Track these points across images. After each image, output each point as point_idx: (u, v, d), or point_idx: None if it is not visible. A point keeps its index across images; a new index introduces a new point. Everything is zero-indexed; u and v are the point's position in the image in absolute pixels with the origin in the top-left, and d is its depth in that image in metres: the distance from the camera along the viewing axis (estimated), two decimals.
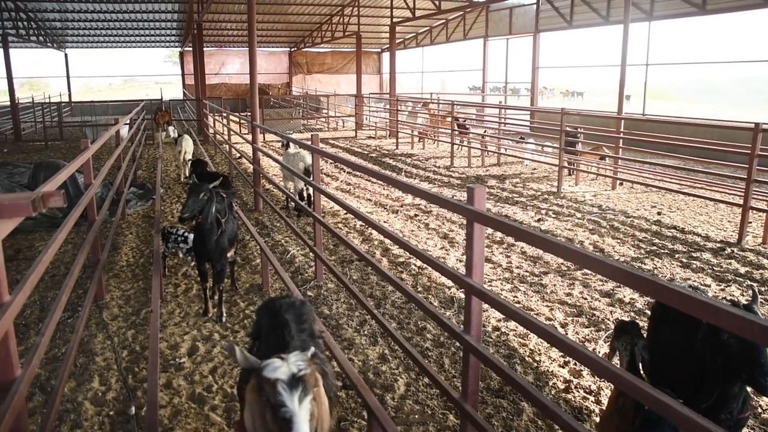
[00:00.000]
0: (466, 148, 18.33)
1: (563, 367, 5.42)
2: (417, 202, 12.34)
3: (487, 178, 15.40)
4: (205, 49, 28.20)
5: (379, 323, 4.94)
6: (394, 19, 27.38)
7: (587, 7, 23.28)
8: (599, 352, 5.59)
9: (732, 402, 3.02)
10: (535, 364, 5.46)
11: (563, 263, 8.18)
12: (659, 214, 11.25)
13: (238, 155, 16.39)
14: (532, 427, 4.48)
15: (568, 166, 14.39)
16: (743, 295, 7.08)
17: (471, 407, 3.62)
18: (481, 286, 3.43)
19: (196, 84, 27.06)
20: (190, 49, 32.41)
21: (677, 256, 8.65)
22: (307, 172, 9.98)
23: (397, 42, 29.66)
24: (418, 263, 8.29)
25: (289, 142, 10.99)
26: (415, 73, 40.85)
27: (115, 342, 5.96)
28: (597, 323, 6.32)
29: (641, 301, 6.85)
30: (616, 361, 3.58)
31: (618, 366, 3.37)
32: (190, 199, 6.05)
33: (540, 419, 4.57)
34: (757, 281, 7.55)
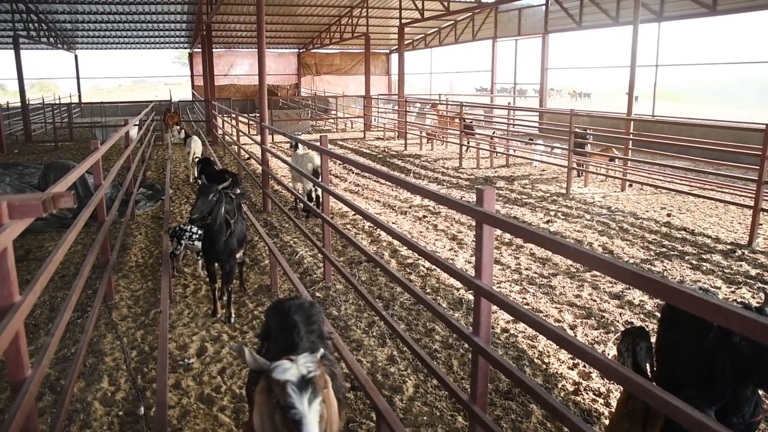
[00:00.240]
0: (475, 149, 18.31)
1: (572, 369, 5.40)
2: (425, 203, 12.33)
3: (495, 179, 15.37)
4: (214, 50, 28.28)
5: (387, 325, 4.93)
6: (403, 20, 27.39)
7: (596, 7, 23.20)
8: (609, 355, 5.56)
9: (744, 406, 2.99)
10: (544, 366, 5.44)
11: (572, 265, 8.15)
12: (669, 215, 11.19)
13: (247, 156, 16.45)
14: (541, 430, 4.46)
15: (577, 167, 14.34)
16: (754, 298, 7.03)
17: (480, 409, 3.61)
18: (491, 288, 3.41)
19: (205, 85, 27.14)
20: (199, 50, 32.50)
21: (687, 258, 8.60)
22: (316, 173, 9.98)
23: (405, 43, 29.67)
24: (427, 265, 8.28)
25: (298, 143, 11.01)
26: (424, 74, 40.82)
27: (124, 342, 5.98)
28: (606, 325, 6.29)
29: (651, 303, 6.81)
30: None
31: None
32: (200, 200, 6.07)
33: (549, 421, 4.55)
34: None
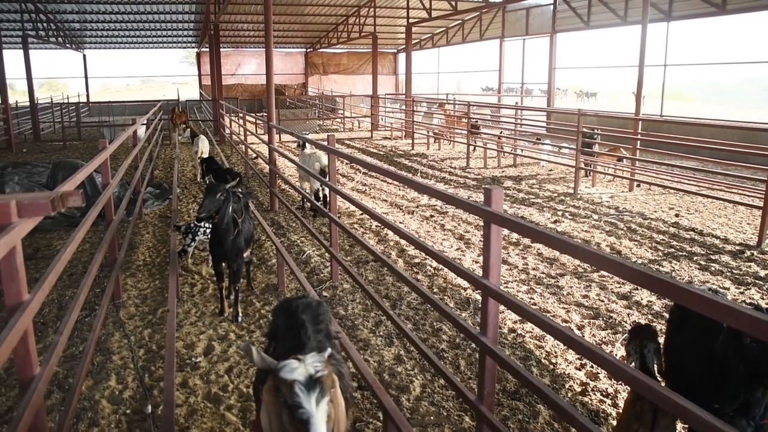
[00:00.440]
0: (482, 148, 18.28)
1: (580, 369, 5.38)
2: (432, 203, 12.31)
3: (503, 179, 15.34)
4: (221, 49, 28.31)
5: (394, 324, 4.93)
6: (411, 20, 27.36)
7: (605, 7, 23.12)
8: (616, 355, 5.54)
9: (754, 407, 2.98)
10: (551, 367, 5.43)
11: (580, 265, 8.13)
12: (677, 216, 11.14)
13: (255, 155, 16.47)
14: (549, 430, 4.45)
15: (585, 167, 14.29)
16: (763, 299, 7.00)
17: (487, 409, 3.60)
18: (498, 288, 3.41)
19: (213, 84, 27.20)
20: (207, 49, 32.57)
21: (695, 258, 8.56)
22: (323, 173, 9.99)
23: (413, 42, 29.65)
24: (434, 264, 8.27)
25: (305, 142, 11.02)
26: (431, 73, 40.79)
27: (131, 341, 6.00)
28: (614, 326, 6.27)
29: (659, 304, 6.78)
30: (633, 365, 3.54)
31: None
32: (207, 199, 6.08)
33: (556, 422, 4.54)
34: None
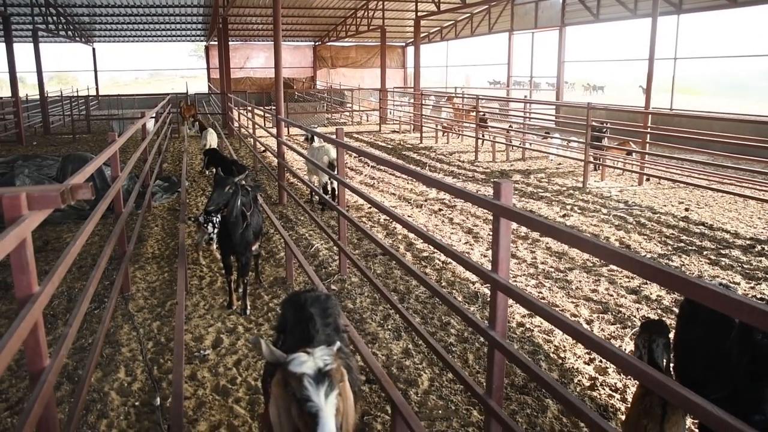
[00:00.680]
0: (490, 142, 18.22)
1: (588, 364, 5.36)
2: (441, 196, 12.29)
3: (511, 172, 15.29)
4: (230, 43, 28.32)
5: (403, 318, 4.92)
6: (419, 13, 27.30)
7: None
8: (625, 350, 5.52)
9: (766, 404, 2.96)
10: (559, 361, 5.41)
11: (589, 259, 8.10)
12: (687, 210, 11.07)
13: (263, 149, 16.47)
14: (557, 424, 4.44)
15: (594, 161, 14.23)
16: None
17: (496, 403, 3.59)
18: (507, 282, 3.39)
19: (221, 78, 27.22)
20: (216, 43, 32.63)
21: (705, 253, 8.51)
22: (332, 166, 9.98)
23: (421, 36, 29.56)
24: (442, 258, 8.26)
25: (314, 135, 11.01)
26: (440, 67, 40.66)
27: (140, 333, 6.03)
28: (623, 320, 6.24)
29: (668, 299, 6.75)
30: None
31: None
32: (216, 192, 6.09)
33: (565, 416, 4.53)
34: None
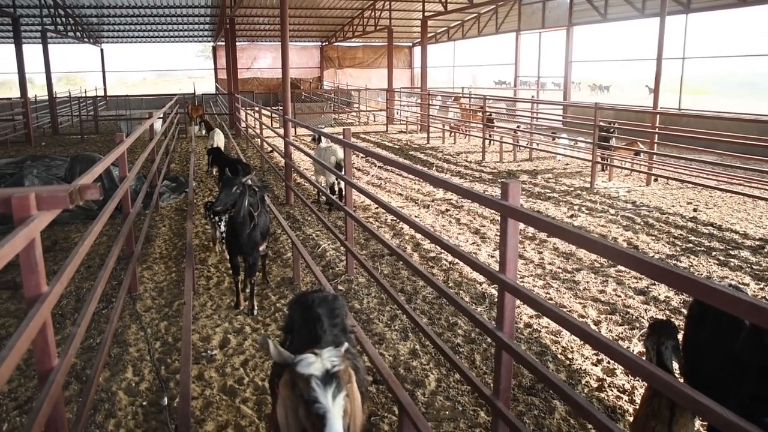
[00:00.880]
0: (498, 142, 18.19)
1: (596, 365, 5.34)
2: (448, 196, 12.28)
3: (519, 173, 15.26)
4: (237, 43, 28.36)
5: (410, 318, 4.92)
6: (426, 13, 27.24)
7: None
8: (633, 351, 5.49)
9: None
10: (567, 362, 5.40)
11: (596, 260, 8.07)
12: (695, 210, 11.02)
13: (270, 149, 16.50)
14: (565, 426, 4.42)
15: (601, 161, 14.18)
16: None
17: (503, 404, 3.58)
18: (515, 283, 3.38)
19: (229, 78, 27.27)
20: (223, 43, 32.63)
21: (714, 253, 8.47)
22: (339, 166, 9.99)
23: (428, 36, 29.50)
24: (449, 258, 8.25)
25: (321, 136, 11.01)
26: (447, 67, 40.61)
27: (148, 333, 6.04)
28: (631, 321, 6.22)
29: (677, 300, 6.72)
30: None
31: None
32: (223, 192, 6.10)
33: (572, 418, 4.51)
34: None
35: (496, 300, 4.36)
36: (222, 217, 7.83)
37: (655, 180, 13.74)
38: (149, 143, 10.78)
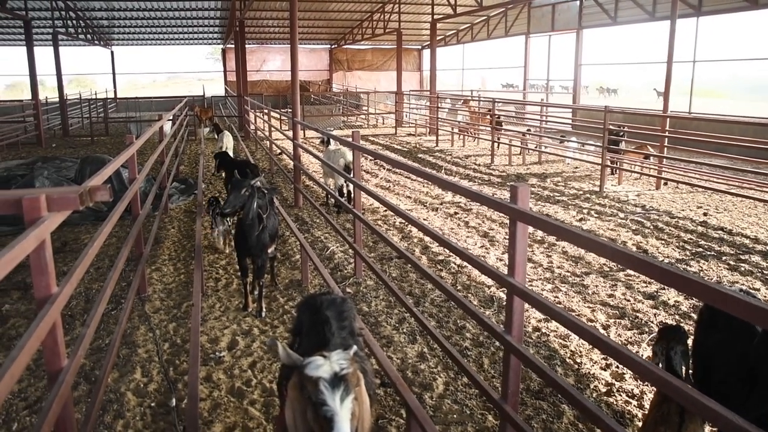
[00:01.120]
0: (506, 145, 18.16)
1: (605, 369, 5.31)
2: (457, 199, 12.26)
3: (527, 176, 15.23)
4: (246, 46, 28.47)
5: (418, 321, 4.91)
6: (435, 16, 27.25)
7: (632, 2, 22.77)
8: (642, 356, 5.46)
9: None
10: (576, 366, 5.37)
11: (605, 264, 8.03)
12: (705, 215, 10.96)
13: (279, 151, 16.55)
14: (573, 430, 4.40)
15: (611, 165, 14.13)
16: None
17: (511, 408, 3.57)
18: (524, 286, 3.37)
19: (238, 81, 27.37)
20: (232, 46, 32.79)
21: (724, 258, 8.41)
22: (348, 169, 9.99)
23: (437, 39, 29.50)
24: (458, 261, 8.23)
25: (330, 138, 11.03)
26: (456, 70, 40.60)
27: (156, 334, 6.06)
28: (640, 326, 6.19)
29: (686, 304, 6.68)
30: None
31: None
32: (232, 194, 6.11)
33: (581, 422, 4.49)
34: None
35: (504, 303, 4.35)
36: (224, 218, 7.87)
37: (665, 184, 13.67)
38: (159, 145, 10.83)
